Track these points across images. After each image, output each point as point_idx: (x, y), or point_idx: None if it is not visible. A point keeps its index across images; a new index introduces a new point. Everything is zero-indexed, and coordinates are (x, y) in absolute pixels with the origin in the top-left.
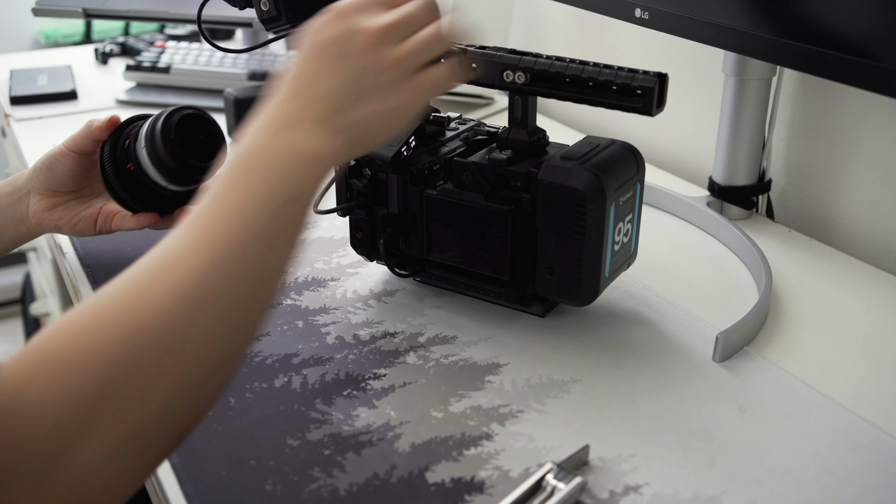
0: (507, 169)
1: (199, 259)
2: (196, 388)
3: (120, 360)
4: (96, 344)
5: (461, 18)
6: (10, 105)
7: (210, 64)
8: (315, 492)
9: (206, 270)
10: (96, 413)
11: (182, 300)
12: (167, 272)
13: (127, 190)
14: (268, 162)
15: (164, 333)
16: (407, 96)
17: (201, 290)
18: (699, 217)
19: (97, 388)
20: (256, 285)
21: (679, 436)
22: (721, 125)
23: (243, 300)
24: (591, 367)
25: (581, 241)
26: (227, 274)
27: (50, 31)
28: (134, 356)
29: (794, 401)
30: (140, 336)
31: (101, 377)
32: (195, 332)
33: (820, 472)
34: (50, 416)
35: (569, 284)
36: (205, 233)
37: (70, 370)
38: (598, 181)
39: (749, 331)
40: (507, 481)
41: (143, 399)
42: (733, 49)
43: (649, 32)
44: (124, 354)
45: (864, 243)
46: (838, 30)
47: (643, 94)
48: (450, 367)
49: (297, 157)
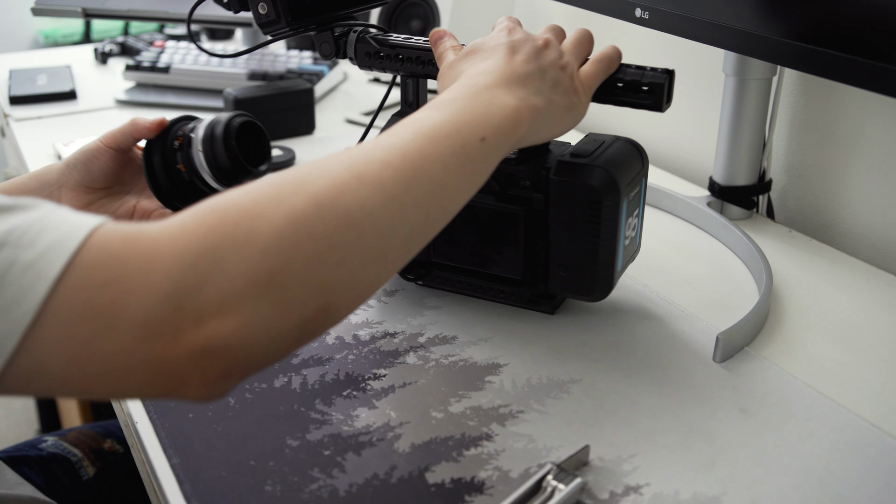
0: (517, 168)
1: (402, 160)
2: (361, 266)
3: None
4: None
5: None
6: (9, 105)
7: (210, 64)
8: (315, 492)
9: (405, 173)
10: (229, 244)
11: (393, 186)
12: (386, 163)
13: (175, 189)
14: (471, 104)
15: (377, 206)
16: (578, 96)
17: (406, 183)
18: (699, 217)
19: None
20: (439, 197)
21: (679, 436)
22: (721, 125)
23: (427, 210)
24: (591, 368)
25: (596, 237)
26: (420, 180)
27: (49, 30)
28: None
29: (794, 401)
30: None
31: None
32: (384, 224)
33: (821, 472)
34: (186, 247)
35: (584, 280)
36: (411, 137)
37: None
38: (612, 177)
39: (749, 331)
40: (507, 482)
41: (300, 253)
42: (734, 49)
43: (650, 32)
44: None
45: (865, 243)
46: (839, 29)
47: (653, 90)
48: (450, 368)
49: (496, 104)
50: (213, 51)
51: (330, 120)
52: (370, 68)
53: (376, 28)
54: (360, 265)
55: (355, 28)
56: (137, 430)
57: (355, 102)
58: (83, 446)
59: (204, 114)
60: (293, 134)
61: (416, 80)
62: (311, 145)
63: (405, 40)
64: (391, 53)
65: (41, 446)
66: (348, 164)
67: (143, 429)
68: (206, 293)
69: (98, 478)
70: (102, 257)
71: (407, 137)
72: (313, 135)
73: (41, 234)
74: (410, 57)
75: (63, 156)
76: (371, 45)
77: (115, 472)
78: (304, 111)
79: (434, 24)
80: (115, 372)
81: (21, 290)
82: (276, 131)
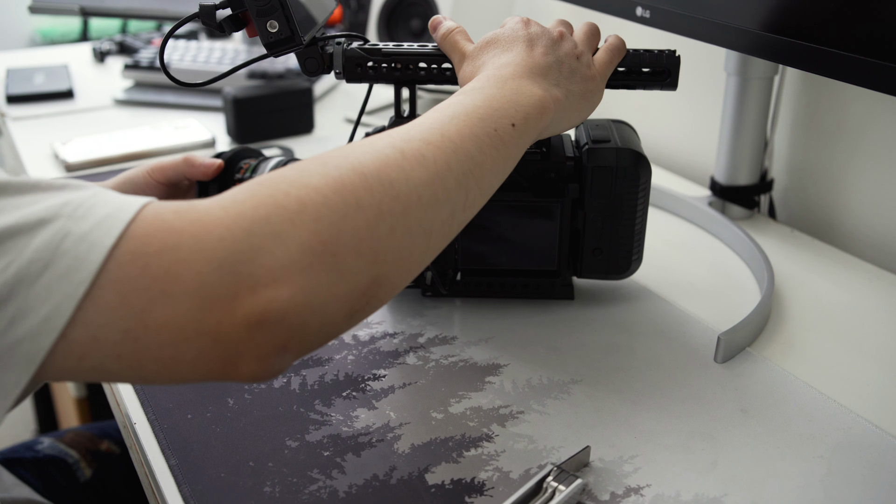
0: (542, 163)
1: (440, 135)
2: (409, 239)
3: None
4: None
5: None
6: (6, 104)
7: (209, 63)
8: (314, 493)
9: (441, 148)
10: (296, 217)
11: (435, 163)
12: (426, 141)
13: None
14: (501, 91)
15: (420, 182)
16: (594, 82)
17: (447, 160)
18: (701, 217)
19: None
20: (470, 180)
21: (680, 437)
22: (723, 124)
23: (470, 192)
24: (591, 368)
25: (633, 215)
26: (456, 160)
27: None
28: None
29: (796, 402)
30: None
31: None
32: (428, 197)
33: (823, 473)
34: (241, 217)
35: (620, 259)
36: (446, 118)
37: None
38: (642, 156)
39: (751, 331)
40: (507, 483)
41: (350, 222)
42: (735, 48)
43: (650, 31)
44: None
45: (867, 243)
46: (841, 27)
47: (671, 71)
48: (450, 368)
49: (524, 93)
50: (212, 50)
51: (329, 119)
52: (360, 81)
53: (360, 39)
54: (408, 238)
55: (339, 40)
56: (135, 430)
57: (354, 102)
58: (80, 447)
59: (204, 113)
60: (292, 133)
61: (411, 87)
62: (310, 145)
63: (396, 47)
64: (383, 62)
65: (37, 448)
66: (389, 142)
67: (141, 429)
68: (261, 260)
69: (95, 479)
70: (156, 227)
71: (443, 119)
72: (312, 134)
73: (94, 207)
74: (406, 64)
75: (60, 155)
76: (361, 55)
77: (113, 473)
78: (304, 110)
79: None
80: (170, 345)
81: (76, 259)
82: (275, 131)
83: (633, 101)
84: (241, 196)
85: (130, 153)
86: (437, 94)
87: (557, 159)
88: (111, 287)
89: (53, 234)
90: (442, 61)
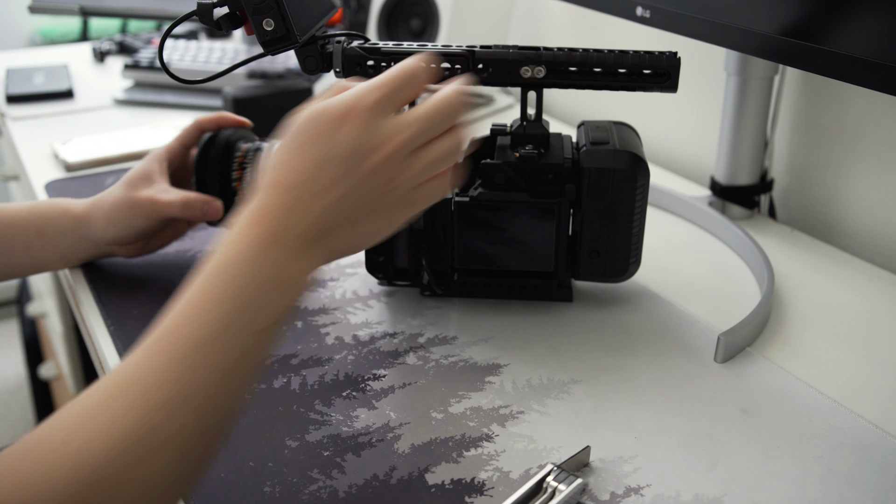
0: (540, 164)
1: (165, 392)
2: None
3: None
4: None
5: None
6: (5, 103)
7: (209, 62)
8: (314, 493)
9: (171, 406)
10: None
11: (143, 436)
12: (131, 404)
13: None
14: (252, 283)
15: (118, 466)
16: (402, 213)
17: (165, 428)
18: (701, 217)
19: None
20: (220, 416)
21: (681, 437)
22: (723, 124)
23: (204, 431)
24: (591, 368)
25: (631, 217)
26: (193, 408)
27: (46, 29)
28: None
29: (796, 402)
30: (90, 470)
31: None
32: (153, 464)
33: (823, 473)
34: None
35: (617, 262)
36: (176, 359)
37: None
38: (640, 159)
39: (751, 331)
40: (507, 483)
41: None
42: (735, 47)
43: (650, 31)
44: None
45: (868, 243)
46: (842, 27)
47: (671, 73)
48: (450, 368)
49: (283, 282)
50: (211, 49)
51: None
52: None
53: (361, 38)
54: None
55: (338, 39)
56: None
57: None
58: None
59: (204, 113)
60: None
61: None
62: None
63: (396, 46)
64: (383, 61)
65: None
66: (108, 424)
67: None
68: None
69: None
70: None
71: (180, 357)
72: None
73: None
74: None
75: (60, 155)
76: (360, 54)
77: None
78: None
79: (434, 23)
80: None
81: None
82: (275, 130)
83: (634, 100)
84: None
85: (130, 153)
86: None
87: (555, 160)
88: None
89: None
90: (441, 61)
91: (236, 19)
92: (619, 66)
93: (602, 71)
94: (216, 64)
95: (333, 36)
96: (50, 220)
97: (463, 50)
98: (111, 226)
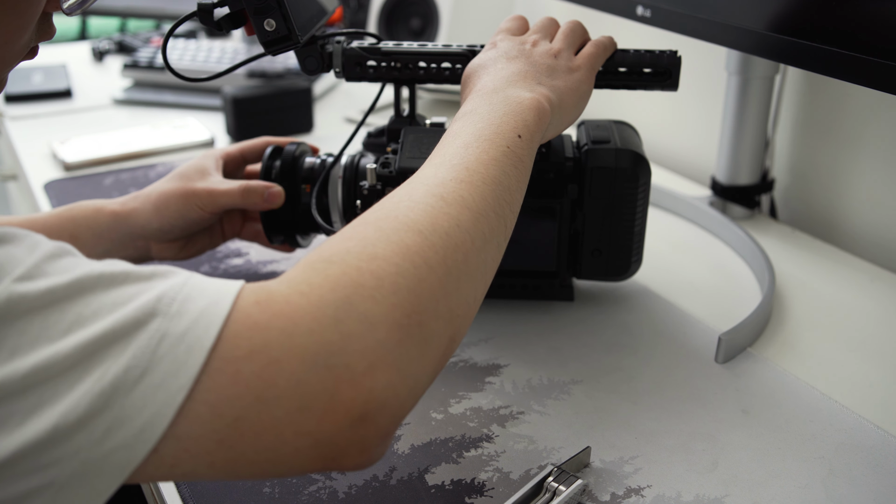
0: (539, 164)
1: (478, 181)
2: (472, 286)
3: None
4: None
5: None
6: (4, 103)
7: (208, 62)
8: (314, 494)
9: (481, 191)
10: (377, 294)
11: (473, 200)
12: (457, 180)
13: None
14: (492, 106)
15: (466, 233)
16: (578, 73)
17: (483, 193)
18: (701, 217)
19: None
20: (511, 203)
21: (681, 438)
22: (724, 124)
23: (507, 218)
24: (591, 369)
25: (633, 216)
26: (492, 194)
27: None
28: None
29: (797, 402)
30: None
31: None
32: (479, 238)
33: (824, 474)
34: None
35: (620, 260)
36: (464, 148)
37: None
38: (642, 157)
39: (752, 332)
40: (507, 483)
41: (425, 286)
42: (736, 47)
43: (651, 30)
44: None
45: (869, 243)
46: (843, 26)
47: (672, 71)
48: (450, 368)
49: (514, 102)
50: (211, 49)
51: (328, 119)
52: (359, 79)
53: (373, 37)
54: (471, 285)
55: (338, 39)
56: None
57: (354, 101)
58: None
59: (204, 113)
60: (292, 133)
61: (411, 86)
62: (309, 144)
63: (396, 46)
64: (383, 61)
65: None
66: (425, 190)
67: None
68: (353, 347)
69: None
70: (242, 325)
71: (459, 151)
72: (312, 134)
73: (189, 301)
74: (405, 63)
75: (59, 155)
76: (360, 54)
77: None
78: (303, 110)
79: (434, 23)
80: (267, 450)
81: (174, 364)
82: (275, 130)
83: (634, 100)
84: (316, 278)
85: (129, 153)
86: (437, 94)
87: (557, 159)
88: (202, 399)
89: (150, 336)
90: (441, 60)
91: (237, 19)
92: (620, 64)
93: (602, 70)
94: (216, 63)
95: (333, 35)
96: (83, 223)
97: (463, 50)
98: (158, 216)
